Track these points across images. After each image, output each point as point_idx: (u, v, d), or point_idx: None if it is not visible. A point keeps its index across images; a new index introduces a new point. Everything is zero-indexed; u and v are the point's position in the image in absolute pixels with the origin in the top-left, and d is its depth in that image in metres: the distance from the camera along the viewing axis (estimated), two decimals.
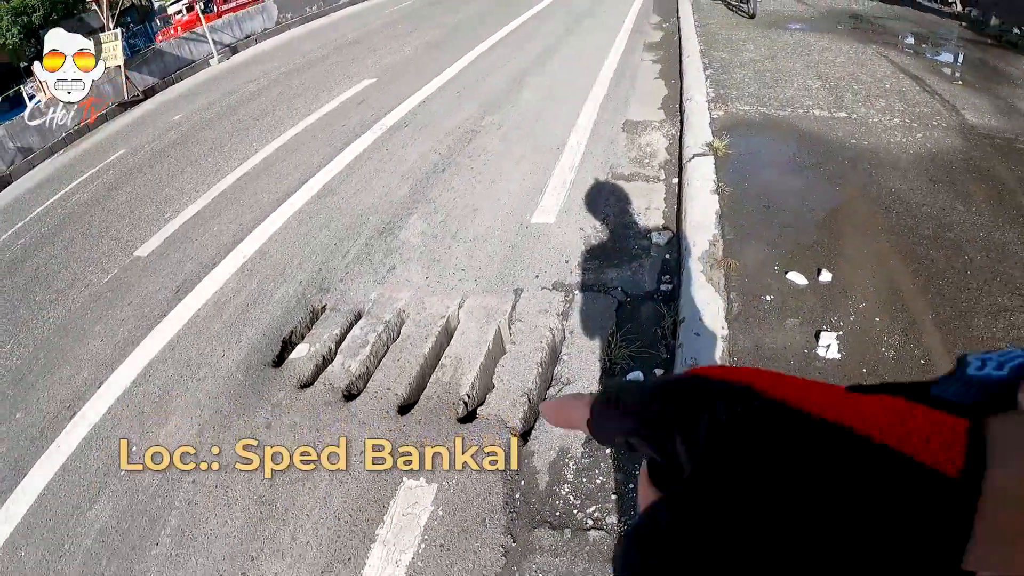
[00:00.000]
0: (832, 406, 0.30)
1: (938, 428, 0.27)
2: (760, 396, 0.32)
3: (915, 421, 0.27)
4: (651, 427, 0.37)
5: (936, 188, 4.78)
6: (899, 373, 3.22)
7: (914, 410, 0.28)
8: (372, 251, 5.21)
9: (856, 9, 10.93)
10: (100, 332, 4.98)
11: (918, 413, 0.28)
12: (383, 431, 3.47)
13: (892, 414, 0.28)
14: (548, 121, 7.22)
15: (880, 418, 0.28)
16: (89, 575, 3.09)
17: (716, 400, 0.34)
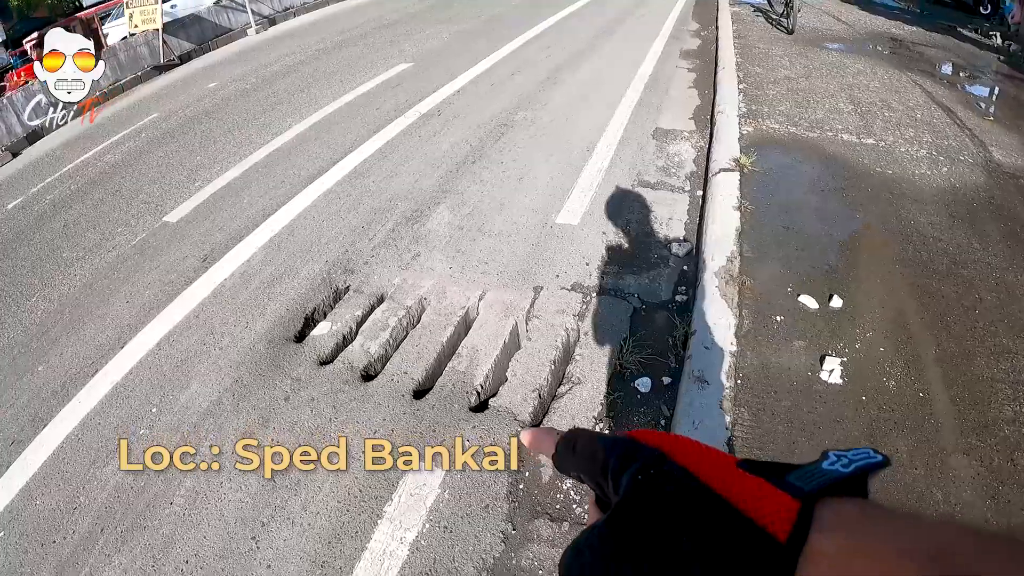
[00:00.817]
0: (718, 478, 0.43)
1: (779, 504, 0.39)
2: (671, 462, 0.46)
3: (766, 497, 0.40)
4: (593, 471, 0.52)
5: (955, 224, 4.83)
6: (897, 405, 3.29)
7: (769, 490, 0.40)
8: (399, 237, 5.30)
9: (897, 33, 10.87)
10: (126, 293, 5.09)
11: (771, 492, 0.40)
12: (397, 413, 3.58)
13: (753, 489, 0.41)
14: (580, 122, 7.27)
15: (745, 493, 0.41)
16: (102, 528, 3.21)
17: (639, 461, 0.47)
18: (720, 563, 0.38)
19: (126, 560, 3.03)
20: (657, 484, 0.45)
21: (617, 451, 0.50)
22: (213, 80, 11.08)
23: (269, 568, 2.90)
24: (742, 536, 0.39)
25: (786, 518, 0.38)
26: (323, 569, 2.86)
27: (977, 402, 3.29)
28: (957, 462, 2.99)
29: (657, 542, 0.41)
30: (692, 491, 0.43)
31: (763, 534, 0.38)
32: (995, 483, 2.88)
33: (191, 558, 2.99)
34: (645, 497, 0.44)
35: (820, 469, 0.41)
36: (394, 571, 2.81)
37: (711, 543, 0.39)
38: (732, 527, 0.39)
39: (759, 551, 0.38)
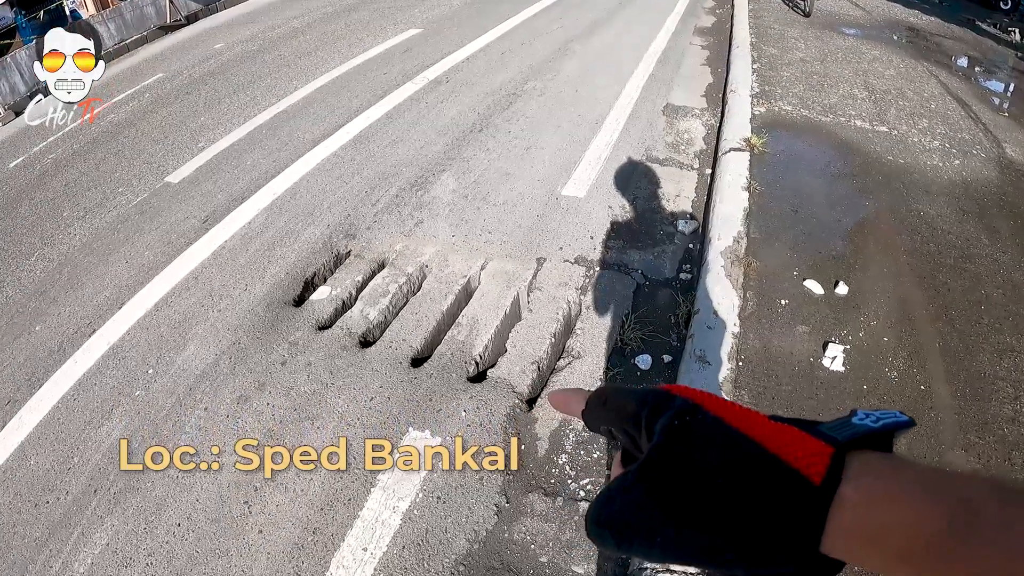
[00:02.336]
0: (752, 427, 0.44)
1: (814, 450, 0.40)
2: (705, 411, 0.46)
3: (801, 444, 0.41)
4: (626, 422, 0.52)
5: (964, 218, 4.78)
6: (898, 396, 3.28)
7: (803, 437, 0.42)
8: (402, 203, 5.26)
9: (914, 23, 10.74)
10: (125, 254, 5.05)
11: (806, 439, 0.41)
12: (394, 381, 3.56)
13: (789, 437, 0.42)
14: (590, 94, 7.19)
15: (780, 439, 0.42)
16: (95, 489, 3.20)
17: (672, 410, 0.47)
18: (754, 502, 0.40)
19: (118, 522, 3.02)
20: (692, 429, 0.45)
21: (650, 401, 0.50)
22: (219, 41, 10.95)
23: (261, 533, 2.88)
24: (777, 477, 0.40)
25: (820, 463, 0.40)
26: (315, 535, 2.85)
27: (978, 398, 3.27)
28: (955, 458, 2.98)
29: (690, 484, 0.43)
30: (727, 435, 0.44)
31: (798, 476, 0.40)
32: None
33: (183, 521, 2.98)
34: (679, 442, 0.45)
35: (850, 423, 0.42)
36: (386, 540, 2.80)
37: (745, 483, 0.41)
38: (767, 468, 0.41)
39: (794, 492, 0.39)
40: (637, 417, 0.50)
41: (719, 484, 0.41)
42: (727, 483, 0.41)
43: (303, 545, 2.82)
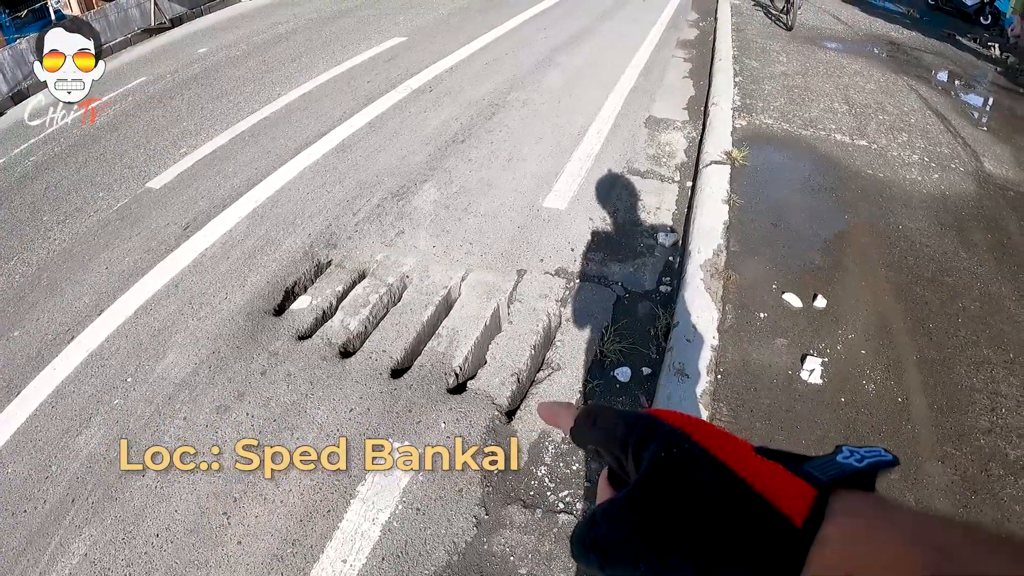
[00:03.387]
0: (738, 461, 0.44)
1: (798, 492, 0.41)
2: (692, 442, 0.47)
3: (785, 484, 0.41)
4: (613, 445, 0.52)
5: (943, 231, 4.84)
6: (875, 409, 3.31)
7: (788, 477, 0.42)
8: (383, 213, 5.25)
9: (895, 37, 10.86)
10: (105, 260, 5.00)
11: (790, 479, 0.42)
12: (374, 392, 3.55)
13: (773, 475, 0.42)
14: (573, 105, 7.22)
15: (765, 478, 0.42)
16: (73, 499, 3.16)
17: (661, 440, 0.48)
18: (737, 540, 0.41)
19: (96, 532, 2.99)
20: (679, 462, 0.46)
21: (639, 428, 0.50)
22: (204, 45, 10.90)
23: (240, 544, 2.87)
24: (759, 516, 0.41)
25: (803, 504, 0.40)
26: (294, 547, 2.84)
27: (955, 410, 3.31)
28: (932, 469, 3.01)
29: (676, 517, 0.43)
30: (713, 470, 0.44)
31: (780, 517, 0.40)
32: (968, 492, 2.90)
33: (162, 532, 2.96)
34: (666, 474, 0.46)
35: (835, 462, 0.43)
36: (365, 552, 2.79)
37: (729, 520, 0.41)
38: (750, 507, 0.41)
39: (775, 532, 0.40)
40: (624, 442, 0.51)
41: (703, 519, 0.42)
42: (711, 519, 0.42)
43: (282, 556, 2.81)
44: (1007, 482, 2.97)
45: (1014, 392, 3.45)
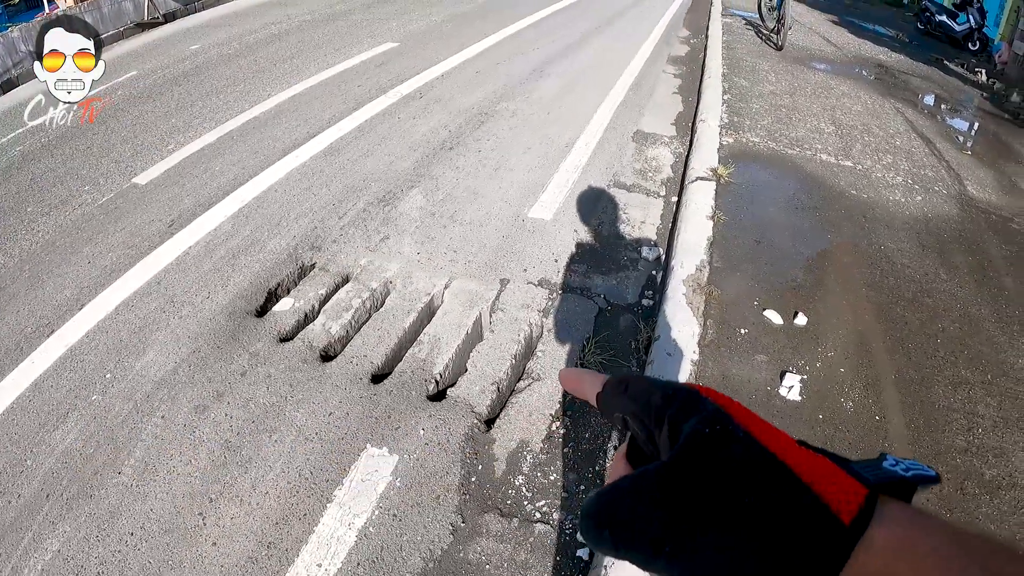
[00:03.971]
0: (782, 448, 0.42)
1: (848, 489, 0.39)
2: (736, 423, 0.44)
3: (835, 479, 0.40)
4: (647, 414, 0.49)
5: (924, 253, 4.89)
6: (853, 426, 3.34)
7: (837, 472, 0.40)
8: (369, 217, 5.25)
9: (884, 60, 10.98)
10: (88, 254, 4.96)
11: (840, 474, 0.40)
12: (354, 397, 3.55)
13: (821, 468, 0.40)
14: (561, 117, 7.25)
15: (812, 468, 0.40)
16: (47, 494, 3.14)
17: (704, 414, 0.45)
18: (779, 529, 0.39)
19: (70, 528, 2.97)
20: (721, 440, 0.43)
21: (680, 399, 0.48)
22: (196, 42, 10.85)
23: (215, 545, 2.86)
24: (806, 508, 0.39)
25: (853, 502, 0.38)
26: (269, 549, 2.83)
27: (932, 429, 3.35)
28: None
29: (715, 497, 0.41)
30: (760, 453, 0.42)
31: (828, 512, 0.38)
32: (944, 511, 2.93)
33: (136, 530, 2.94)
34: (707, 451, 0.43)
35: (881, 467, 0.42)
36: (340, 556, 2.79)
37: (774, 508, 0.39)
38: (797, 497, 0.39)
39: (821, 528, 0.38)
40: (661, 412, 0.48)
41: (746, 503, 0.40)
42: (755, 504, 0.40)
43: (257, 559, 2.79)
44: (982, 501, 3.00)
45: (991, 412, 3.49)
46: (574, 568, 2.77)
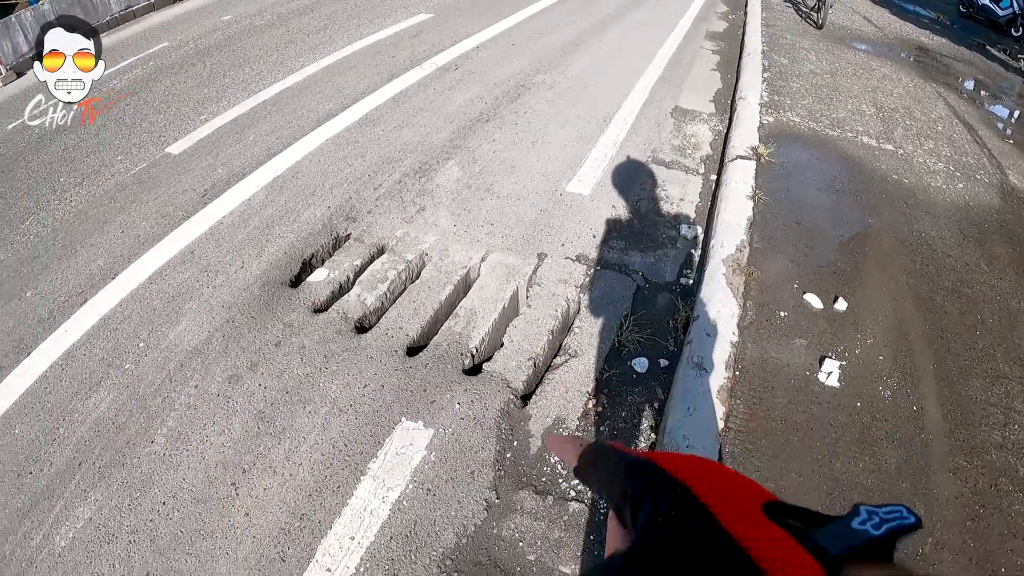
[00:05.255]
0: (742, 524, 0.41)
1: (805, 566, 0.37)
2: (693, 500, 0.44)
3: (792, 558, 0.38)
4: (613, 490, 0.52)
5: (965, 242, 4.77)
6: (890, 415, 3.26)
7: (795, 549, 0.38)
8: (404, 189, 5.22)
9: (925, 43, 10.72)
10: (121, 223, 4.98)
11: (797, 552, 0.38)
12: (389, 369, 3.53)
13: (780, 547, 0.39)
14: (599, 91, 7.16)
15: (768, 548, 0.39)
16: (80, 462, 3.15)
17: (660, 495, 0.46)
18: None
19: (102, 496, 2.98)
20: (676, 524, 0.44)
21: (640, 479, 0.49)
22: (228, 13, 10.83)
23: (247, 516, 2.85)
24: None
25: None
26: (302, 521, 2.82)
27: (968, 423, 3.26)
28: (943, 480, 2.97)
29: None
30: (713, 540, 0.41)
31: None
32: (977, 506, 2.86)
33: (168, 499, 2.95)
34: (662, 536, 0.43)
35: (850, 529, 0.40)
36: (373, 530, 2.77)
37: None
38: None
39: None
40: (623, 491, 0.50)
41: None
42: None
43: (289, 531, 2.78)
44: (1016, 498, 2.93)
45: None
46: None
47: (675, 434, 3.02)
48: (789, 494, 2.82)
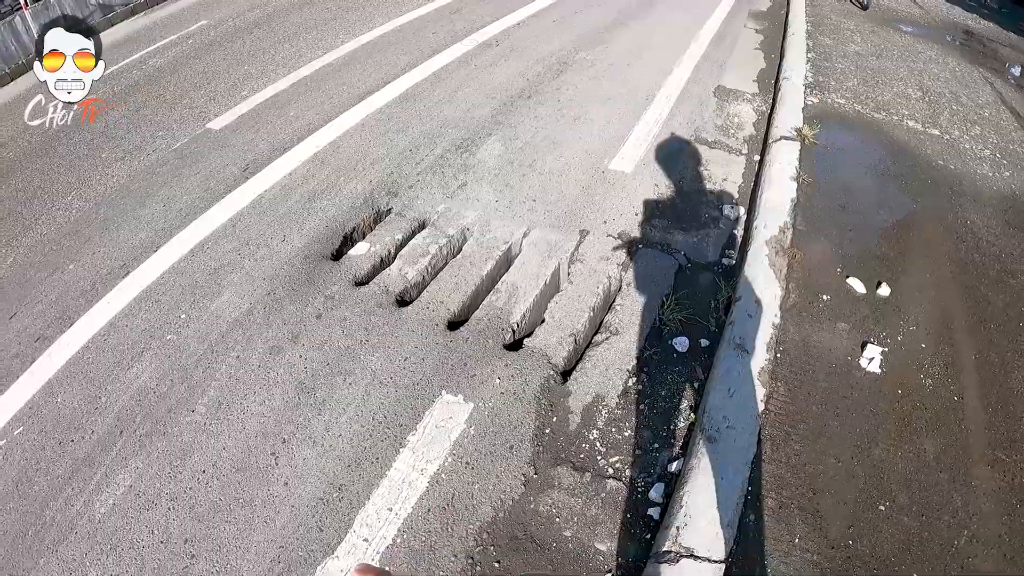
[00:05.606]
0: None
1: None
2: None
3: None
4: None
5: (1010, 232, 4.65)
6: (931, 404, 3.21)
7: None
8: (446, 164, 5.22)
9: (972, 26, 10.44)
10: (163, 197, 5.05)
11: None
12: (430, 343, 3.54)
13: None
14: (641, 69, 7.08)
15: None
16: (121, 431, 3.21)
17: None
18: None
19: (142, 464, 3.03)
20: None
21: None
22: None
23: (286, 485, 2.88)
24: None
25: None
26: (340, 492, 2.84)
27: (1009, 416, 3.19)
28: (981, 472, 2.92)
29: None
30: None
31: None
32: (1014, 500, 2.81)
33: (208, 468, 2.99)
34: None
35: None
36: (411, 501, 2.78)
37: None
38: None
39: None
40: None
41: None
42: None
43: (328, 500, 2.81)
44: None
45: None
46: (644, 527, 2.72)
47: (715, 414, 3.00)
48: (828, 479, 2.79)
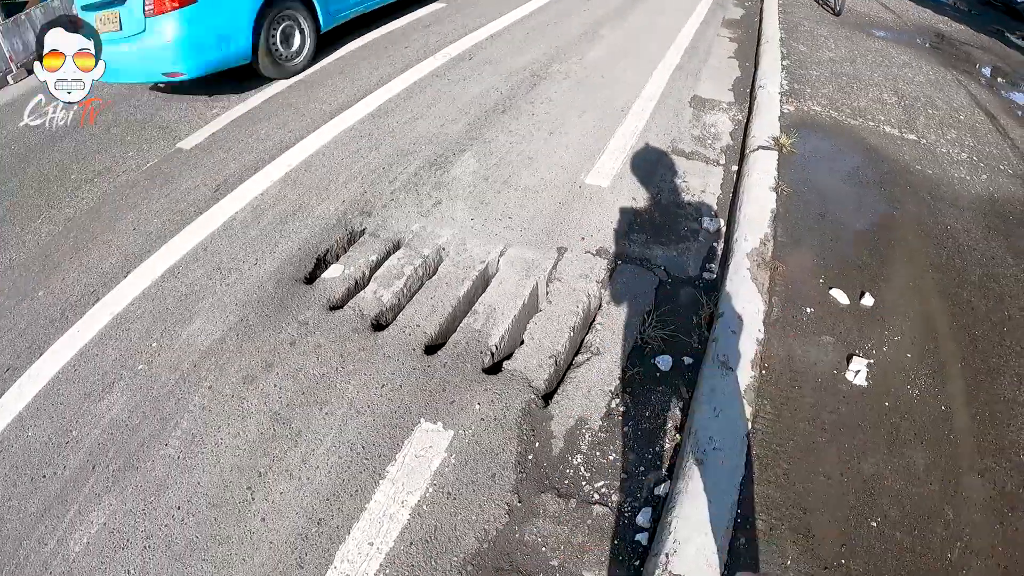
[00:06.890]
0: None
1: None
2: None
3: None
4: None
5: (990, 235, 4.65)
6: (919, 416, 3.16)
7: None
8: (420, 182, 5.15)
9: (944, 30, 10.55)
10: (132, 220, 4.93)
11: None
12: (407, 368, 3.45)
13: None
14: (616, 80, 7.06)
15: None
16: (93, 465, 3.10)
17: None
18: None
19: (116, 501, 2.92)
20: None
21: None
22: None
23: (263, 521, 2.78)
24: None
25: None
26: (319, 526, 2.75)
27: (997, 423, 3.16)
28: (971, 482, 2.88)
29: None
30: None
31: None
32: (1005, 508, 2.77)
33: (183, 504, 2.88)
34: None
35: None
36: (393, 535, 2.70)
37: None
38: None
39: None
40: None
41: None
42: None
43: (307, 536, 2.72)
44: None
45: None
46: (632, 553, 2.65)
47: (701, 436, 2.94)
48: (818, 498, 2.74)
